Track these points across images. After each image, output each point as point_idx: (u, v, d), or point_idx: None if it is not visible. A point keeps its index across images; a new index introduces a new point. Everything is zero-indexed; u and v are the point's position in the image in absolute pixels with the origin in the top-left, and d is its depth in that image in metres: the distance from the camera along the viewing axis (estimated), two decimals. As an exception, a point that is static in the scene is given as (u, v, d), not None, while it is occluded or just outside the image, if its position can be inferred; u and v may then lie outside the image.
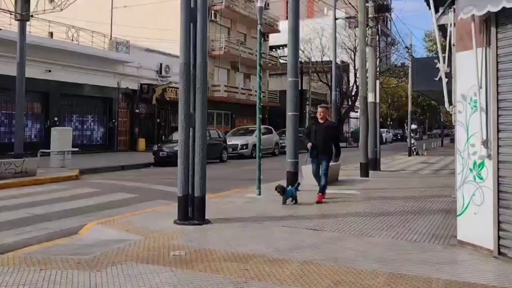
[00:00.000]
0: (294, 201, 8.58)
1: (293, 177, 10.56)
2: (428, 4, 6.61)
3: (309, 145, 8.96)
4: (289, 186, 8.94)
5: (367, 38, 15.91)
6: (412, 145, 26.90)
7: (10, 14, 17.35)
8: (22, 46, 15.89)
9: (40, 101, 22.47)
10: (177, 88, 19.49)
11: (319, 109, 9.22)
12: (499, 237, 5.07)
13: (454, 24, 5.93)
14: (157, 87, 28.01)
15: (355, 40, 37.54)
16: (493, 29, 5.09)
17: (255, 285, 4.23)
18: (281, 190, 8.54)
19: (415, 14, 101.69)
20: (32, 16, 16.92)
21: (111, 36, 26.91)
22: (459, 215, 5.63)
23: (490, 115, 5.15)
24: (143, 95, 27.51)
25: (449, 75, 6.25)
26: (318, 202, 8.72)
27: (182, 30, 6.97)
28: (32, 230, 6.88)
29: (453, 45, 6.00)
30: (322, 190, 8.93)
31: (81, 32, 24.06)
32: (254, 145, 20.09)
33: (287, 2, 15.57)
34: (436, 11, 6.57)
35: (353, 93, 43.16)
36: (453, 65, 5.98)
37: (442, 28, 7.11)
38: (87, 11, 28.28)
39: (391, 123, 63.04)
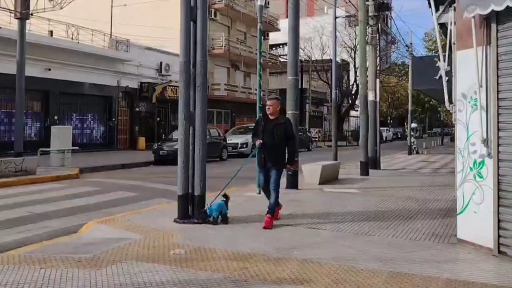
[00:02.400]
0: (222, 219, 6.67)
1: (293, 175, 10.57)
2: (429, 3, 6.61)
3: (258, 142, 6.68)
4: (215, 203, 6.76)
5: (367, 36, 15.90)
6: (412, 144, 26.92)
7: (10, 12, 17.33)
8: (22, 44, 15.89)
9: (40, 99, 22.47)
10: (177, 86, 19.50)
11: (268, 102, 6.85)
12: (499, 236, 5.07)
13: (455, 22, 5.93)
14: (157, 86, 28.01)
15: (355, 38, 37.55)
16: (493, 28, 5.08)
17: (255, 284, 4.23)
18: (201, 216, 6.64)
19: (415, 13, 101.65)
20: (31, 14, 16.92)
21: (111, 34, 26.91)
22: (459, 214, 5.63)
23: (491, 113, 5.15)
24: (143, 93, 27.51)
25: (449, 74, 6.24)
26: (266, 227, 6.36)
27: (182, 28, 6.97)
28: (32, 229, 6.88)
29: (454, 43, 6.00)
30: (272, 209, 6.56)
31: (81, 31, 24.05)
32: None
33: (287, 1, 15.55)
34: (437, 9, 6.57)
35: (353, 92, 43.20)
36: (453, 64, 5.97)
37: (443, 27, 7.11)
38: (87, 9, 28.28)
39: (391, 121, 63.07)
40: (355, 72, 38.91)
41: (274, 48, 43.41)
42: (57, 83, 22.31)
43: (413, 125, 30.93)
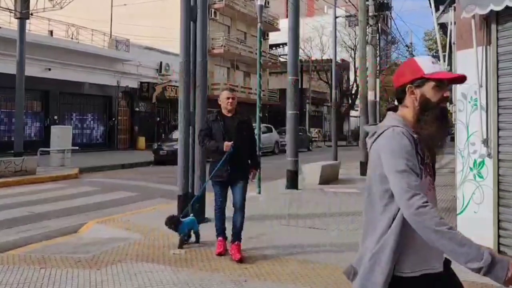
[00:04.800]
0: (195, 240, 5.57)
1: (293, 175, 10.58)
2: (429, 3, 6.61)
3: (228, 145, 5.00)
4: (185, 215, 5.60)
5: (367, 36, 15.90)
6: (412, 144, 26.90)
7: (10, 12, 17.33)
8: (22, 44, 15.89)
9: (40, 99, 22.47)
10: (177, 86, 19.47)
11: (226, 93, 5.26)
12: (499, 236, 5.07)
13: (455, 22, 5.93)
14: (157, 86, 28.00)
15: (355, 38, 37.55)
16: (493, 28, 5.09)
17: (255, 284, 4.23)
18: (173, 224, 5.25)
19: (415, 13, 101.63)
20: (31, 14, 16.92)
21: (111, 34, 26.90)
22: (459, 213, 5.63)
23: (490, 113, 5.15)
24: (143, 93, 27.51)
25: (449, 74, 6.24)
26: (240, 260, 4.87)
27: (182, 28, 6.97)
28: (32, 228, 6.88)
29: (454, 43, 6.00)
30: (238, 235, 5.10)
31: (81, 31, 24.06)
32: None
33: (287, 1, 15.56)
34: (437, 9, 6.57)
35: (353, 92, 43.19)
36: (454, 64, 5.97)
37: (443, 27, 7.11)
38: (87, 9, 28.27)
39: (391, 121, 63.00)
40: (355, 72, 38.90)
41: (274, 48, 43.40)
42: (57, 83, 22.31)
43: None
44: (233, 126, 5.21)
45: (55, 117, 22.55)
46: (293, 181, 10.51)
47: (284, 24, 20.16)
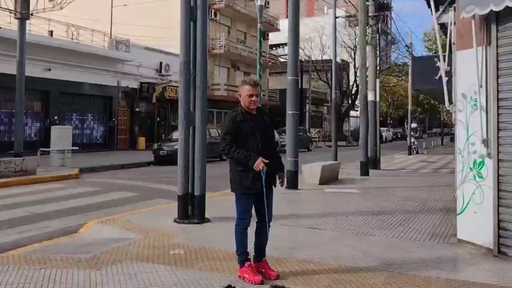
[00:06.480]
0: None
1: (293, 175, 10.57)
2: (428, 3, 6.61)
3: (260, 164, 4.21)
4: None
5: (367, 36, 15.91)
6: (412, 144, 26.94)
7: (10, 12, 17.34)
8: (22, 44, 15.91)
9: (40, 99, 22.49)
10: (177, 86, 19.48)
11: (248, 89, 4.46)
12: (499, 236, 5.07)
13: (455, 22, 5.92)
14: (157, 86, 28.02)
15: (355, 38, 37.56)
16: (493, 28, 5.08)
17: (255, 284, 4.22)
18: None
19: (415, 13, 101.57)
20: (32, 14, 16.94)
21: (111, 34, 26.92)
22: (459, 214, 5.63)
23: (490, 114, 5.15)
24: (143, 93, 27.53)
25: (449, 74, 6.24)
26: (277, 277, 4.33)
27: (182, 28, 6.97)
28: (32, 229, 6.88)
29: (453, 43, 6.00)
30: (263, 253, 4.53)
31: (81, 31, 24.07)
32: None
33: (287, 1, 15.59)
34: (437, 9, 6.57)
35: (353, 92, 43.20)
36: (453, 64, 5.97)
37: (443, 27, 7.11)
38: (87, 9, 28.29)
39: (391, 121, 63.08)
40: (355, 72, 38.91)
41: (274, 48, 43.40)
42: (57, 83, 22.31)
43: (413, 125, 31.00)
44: (263, 127, 4.47)
45: (55, 118, 22.56)
46: (293, 181, 10.51)
47: (284, 24, 20.16)
